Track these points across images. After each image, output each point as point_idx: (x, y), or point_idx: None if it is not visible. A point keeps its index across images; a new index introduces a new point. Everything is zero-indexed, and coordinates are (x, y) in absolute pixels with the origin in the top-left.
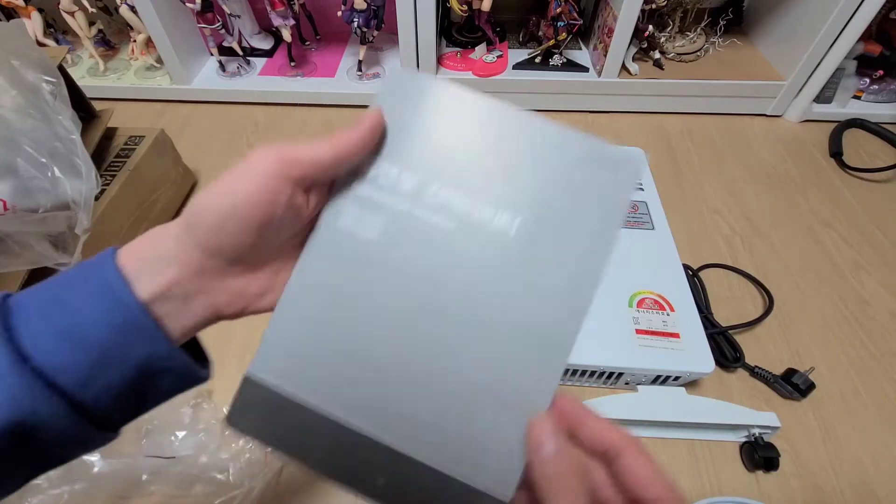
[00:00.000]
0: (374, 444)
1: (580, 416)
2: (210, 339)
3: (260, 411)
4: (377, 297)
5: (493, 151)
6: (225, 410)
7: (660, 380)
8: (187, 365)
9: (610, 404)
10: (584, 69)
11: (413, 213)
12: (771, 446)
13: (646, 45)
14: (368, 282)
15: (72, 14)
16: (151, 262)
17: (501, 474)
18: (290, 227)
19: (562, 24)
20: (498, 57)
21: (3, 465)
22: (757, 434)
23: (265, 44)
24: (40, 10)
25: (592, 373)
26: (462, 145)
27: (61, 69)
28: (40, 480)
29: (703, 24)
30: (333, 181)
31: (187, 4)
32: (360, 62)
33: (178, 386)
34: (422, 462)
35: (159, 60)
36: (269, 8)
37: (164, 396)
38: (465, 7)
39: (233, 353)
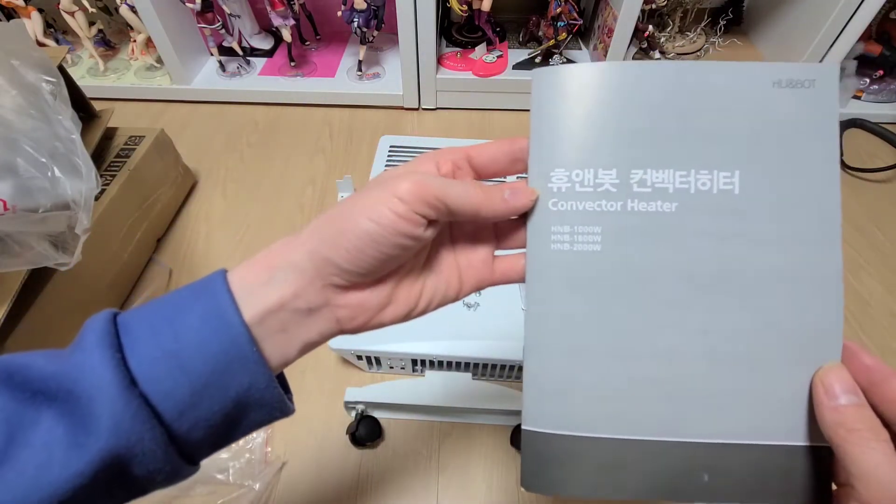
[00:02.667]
0: (683, 447)
1: (883, 374)
2: None
3: (553, 464)
4: (624, 306)
5: (670, 115)
6: None
7: None
8: (280, 398)
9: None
10: None
11: (627, 209)
12: None
13: (646, 45)
14: (609, 295)
15: (72, 14)
16: (277, 275)
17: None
18: (415, 249)
19: (562, 24)
20: (498, 57)
21: (94, 498)
22: None
23: (265, 44)
24: (40, 10)
25: None
26: (637, 121)
27: (61, 69)
28: None
29: (703, 24)
30: None
31: (187, 4)
32: (360, 62)
33: (266, 419)
34: (735, 443)
35: (159, 60)
36: (269, 8)
37: (248, 430)
38: (465, 7)
39: None
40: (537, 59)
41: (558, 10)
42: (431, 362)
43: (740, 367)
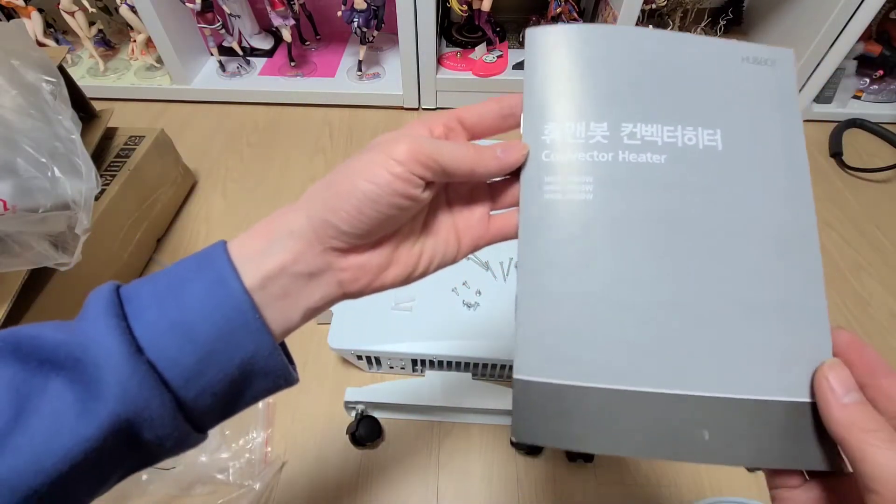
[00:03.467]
0: (680, 400)
1: (883, 370)
2: None
3: (546, 415)
4: (618, 254)
5: (657, 75)
6: None
7: None
8: (283, 365)
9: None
10: None
11: (618, 159)
12: None
13: None
14: (603, 243)
15: (72, 14)
16: (276, 241)
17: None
18: (413, 211)
19: (562, 24)
20: (498, 57)
21: (103, 464)
22: None
23: (265, 44)
24: (40, 10)
25: None
26: (626, 78)
27: (61, 69)
28: None
29: (703, 24)
30: None
31: (187, 4)
32: (360, 62)
33: (271, 388)
34: (734, 397)
35: (159, 60)
36: (269, 8)
37: (254, 399)
38: (465, 7)
39: None
40: None
41: (558, 10)
42: (431, 362)
43: (735, 318)
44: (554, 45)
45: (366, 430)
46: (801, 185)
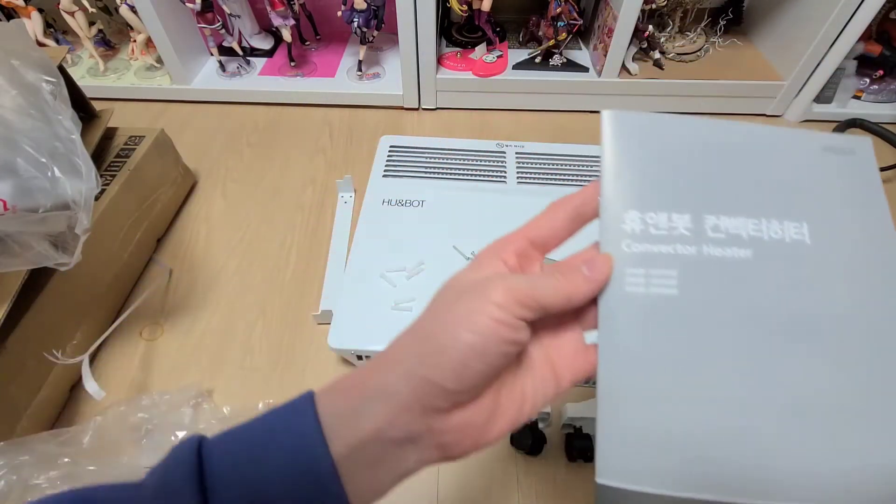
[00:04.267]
0: None
1: None
2: (210, 339)
3: None
4: (706, 352)
5: (736, 167)
6: (225, 410)
7: None
8: None
9: None
10: (584, 69)
11: (703, 253)
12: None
13: (646, 45)
14: (689, 340)
15: (72, 14)
16: (368, 401)
17: None
18: (516, 355)
19: (562, 24)
20: (498, 57)
21: None
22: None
23: (265, 44)
24: (40, 10)
25: None
26: (705, 170)
27: (61, 69)
28: (40, 480)
29: (703, 24)
30: None
31: (187, 4)
32: (360, 62)
33: None
34: None
35: (159, 60)
36: (269, 8)
37: None
38: (465, 7)
39: (231, 355)
40: (537, 59)
41: (558, 10)
42: None
43: (828, 422)
44: (631, 131)
45: None
46: (891, 272)
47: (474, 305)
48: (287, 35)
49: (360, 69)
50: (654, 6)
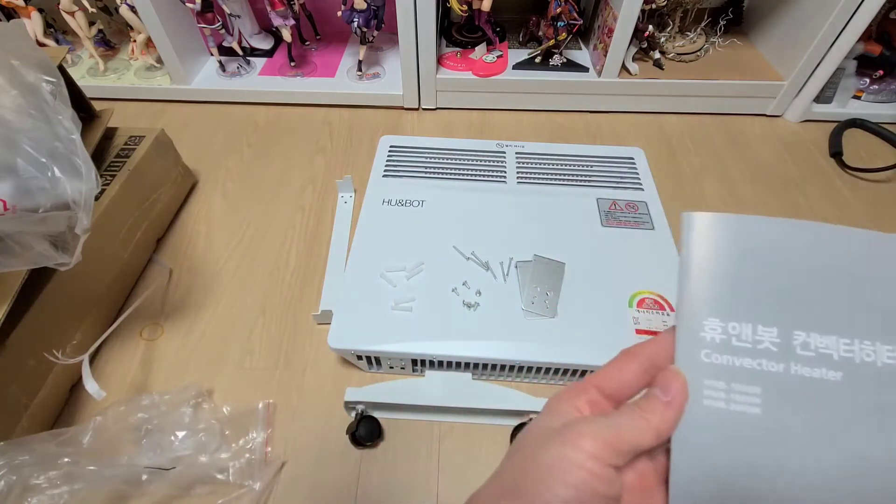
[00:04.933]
0: None
1: None
2: (210, 339)
3: None
4: (786, 475)
5: (832, 277)
6: (225, 410)
7: None
8: None
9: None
10: (584, 69)
11: (791, 372)
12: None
13: (646, 45)
14: (769, 464)
15: (72, 14)
16: None
17: None
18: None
19: (562, 24)
20: (498, 57)
21: None
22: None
23: (265, 44)
24: (40, 10)
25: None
26: (797, 280)
27: (61, 69)
28: (40, 480)
29: (703, 24)
30: None
31: (187, 4)
32: (360, 62)
33: None
34: None
35: (159, 60)
36: (269, 8)
37: None
38: (465, 7)
39: (231, 355)
40: (537, 59)
41: (558, 10)
42: (431, 362)
43: None
44: (716, 234)
45: (366, 430)
46: None
47: (565, 454)
48: (287, 35)
49: (360, 69)
50: (654, 6)
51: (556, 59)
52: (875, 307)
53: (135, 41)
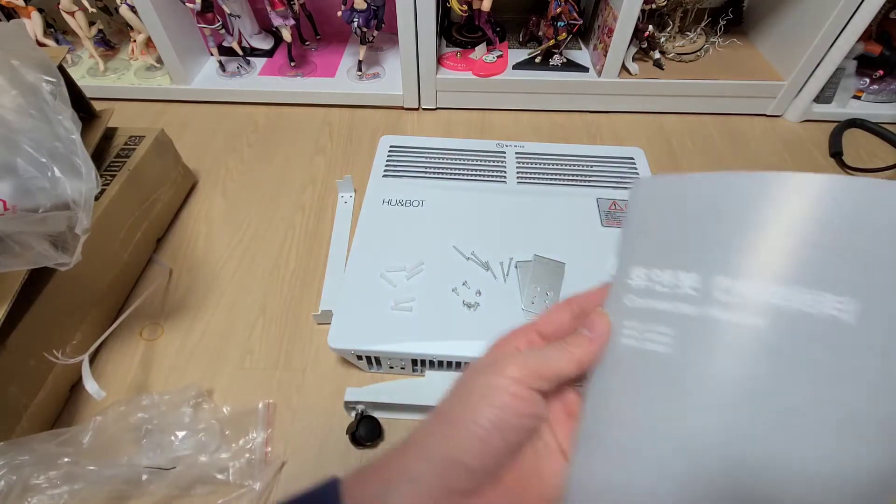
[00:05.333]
0: None
1: None
2: (210, 339)
3: None
4: (689, 416)
5: (771, 226)
6: (225, 410)
7: None
8: None
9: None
10: (584, 69)
11: (705, 315)
12: None
13: (646, 45)
14: (672, 401)
15: (72, 14)
16: (392, 489)
17: None
18: (535, 430)
19: (562, 24)
20: (498, 57)
21: None
22: None
23: (265, 44)
24: (40, 10)
25: None
26: (741, 234)
27: (61, 69)
28: (40, 480)
29: (703, 24)
30: None
31: (187, 4)
32: (360, 62)
33: None
34: None
35: (159, 60)
36: (269, 8)
37: None
38: (465, 7)
39: (231, 355)
40: (537, 59)
41: (558, 10)
42: (431, 362)
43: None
44: (657, 191)
45: (366, 430)
46: None
47: (491, 381)
48: (287, 35)
49: (360, 69)
50: (654, 6)
51: (556, 59)
52: (831, 256)
53: (135, 41)
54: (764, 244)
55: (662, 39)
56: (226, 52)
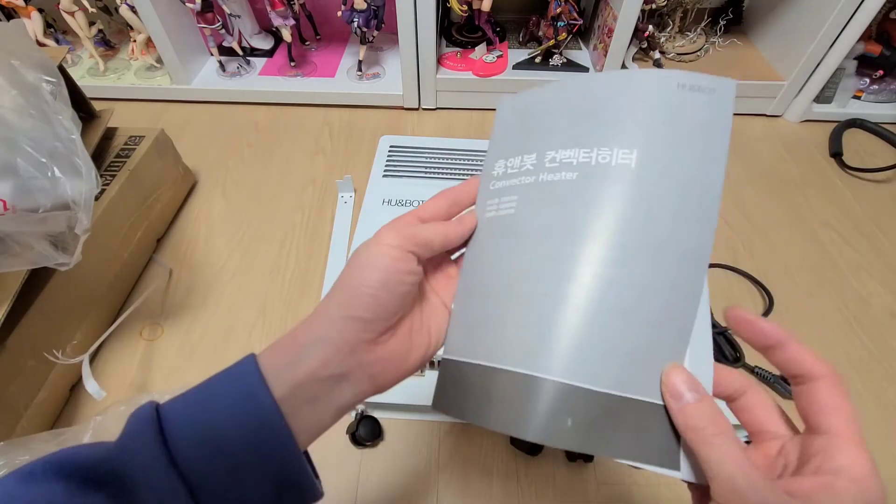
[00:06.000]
0: (542, 384)
1: (779, 338)
2: (210, 339)
3: (452, 388)
4: (526, 257)
5: (595, 106)
6: None
7: None
8: (309, 479)
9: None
10: (584, 69)
11: (538, 180)
12: None
13: (646, 45)
14: (515, 248)
15: (72, 14)
16: (304, 350)
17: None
18: (415, 286)
19: (562, 24)
20: (498, 57)
21: None
22: None
23: (265, 44)
24: (40, 10)
25: None
26: (559, 120)
27: (61, 69)
28: None
29: (703, 24)
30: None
31: (187, 4)
32: (360, 62)
33: (297, 501)
34: (592, 389)
35: (159, 60)
36: (268, 8)
37: None
38: (465, 7)
39: (231, 355)
40: (537, 59)
41: (558, 10)
42: (431, 362)
43: (609, 318)
44: (511, 106)
45: (366, 430)
46: (706, 208)
47: (372, 250)
48: (287, 35)
49: (360, 69)
50: (654, 6)
51: (556, 59)
52: (621, 124)
53: (135, 41)
54: (572, 125)
55: (662, 39)
56: (226, 52)
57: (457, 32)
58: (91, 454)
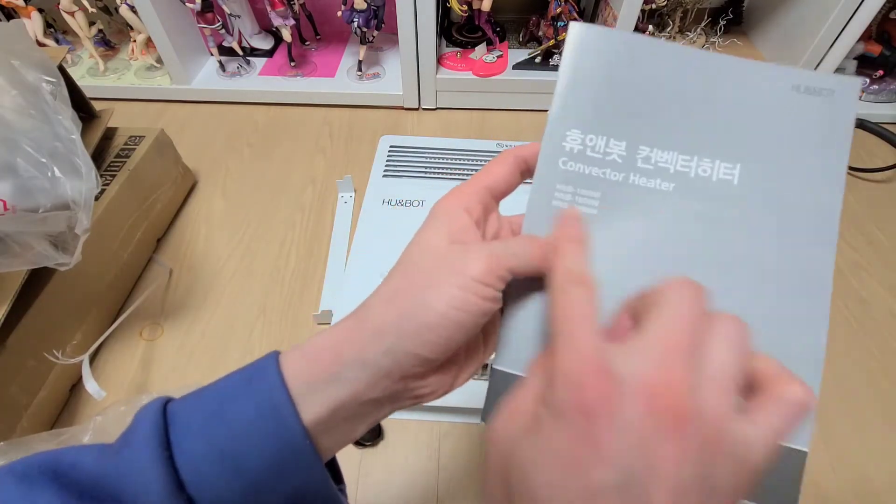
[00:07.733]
0: None
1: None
2: (210, 339)
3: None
4: (607, 270)
5: (690, 100)
6: None
7: None
8: (334, 496)
9: None
10: None
11: (629, 181)
12: None
13: None
14: (595, 258)
15: (72, 14)
16: (346, 369)
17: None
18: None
19: (562, 24)
20: (498, 57)
21: None
22: None
23: (265, 44)
24: (40, 10)
25: None
26: (657, 100)
27: (61, 69)
28: None
29: (703, 24)
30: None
31: (187, 4)
32: (360, 62)
33: None
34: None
35: (159, 60)
36: (268, 8)
37: None
38: (465, 7)
39: (231, 355)
40: (537, 59)
41: (558, 10)
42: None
43: None
44: (598, 48)
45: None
46: (820, 231)
47: (454, 280)
48: (287, 35)
49: (360, 69)
50: (654, 6)
51: (556, 59)
52: (725, 129)
53: (135, 41)
54: (681, 117)
55: (663, 39)
56: (226, 52)
57: (457, 32)
58: (93, 466)
